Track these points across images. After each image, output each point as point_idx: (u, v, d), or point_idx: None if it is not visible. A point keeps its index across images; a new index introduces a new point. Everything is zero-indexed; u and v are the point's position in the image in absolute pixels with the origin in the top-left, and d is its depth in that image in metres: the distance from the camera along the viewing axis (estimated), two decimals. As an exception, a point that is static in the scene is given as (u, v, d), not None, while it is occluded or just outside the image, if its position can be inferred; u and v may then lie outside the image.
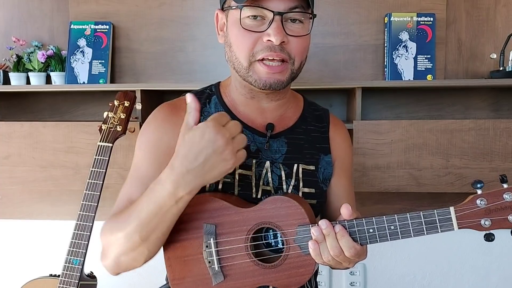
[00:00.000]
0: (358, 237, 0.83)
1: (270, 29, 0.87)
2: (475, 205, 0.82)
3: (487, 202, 0.82)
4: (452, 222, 0.82)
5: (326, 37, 1.75)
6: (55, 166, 1.63)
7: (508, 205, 0.81)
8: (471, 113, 1.75)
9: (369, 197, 1.80)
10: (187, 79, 1.80)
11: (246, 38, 0.89)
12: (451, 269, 1.84)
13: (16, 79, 1.76)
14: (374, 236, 0.82)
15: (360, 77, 1.75)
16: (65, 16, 1.82)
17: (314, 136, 1.04)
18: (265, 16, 0.88)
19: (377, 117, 1.78)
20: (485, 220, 0.81)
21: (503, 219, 0.81)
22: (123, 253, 0.88)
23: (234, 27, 0.91)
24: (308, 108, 1.08)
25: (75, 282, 1.39)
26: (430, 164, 1.54)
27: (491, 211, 0.82)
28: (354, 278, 1.87)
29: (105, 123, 1.45)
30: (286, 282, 0.87)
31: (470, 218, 0.82)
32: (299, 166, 0.99)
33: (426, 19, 1.65)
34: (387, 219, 0.82)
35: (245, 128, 0.98)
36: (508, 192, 0.81)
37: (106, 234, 0.91)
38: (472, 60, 1.74)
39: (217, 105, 1.02)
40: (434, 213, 0.82)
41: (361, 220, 0.83)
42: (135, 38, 1.80)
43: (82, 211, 1.38)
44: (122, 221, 0.87)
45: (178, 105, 1.01)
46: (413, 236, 0.82)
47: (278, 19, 0.87)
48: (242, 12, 0.89)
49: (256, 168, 0.97)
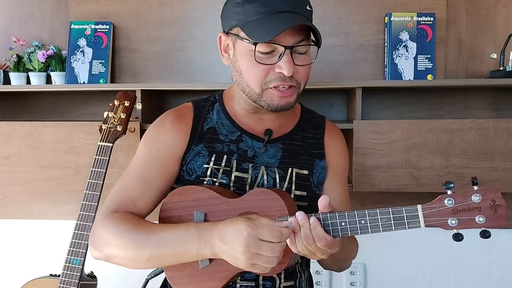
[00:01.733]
0: (330, 229, 0.88)
1: (281, 63, 0.94)
2: (443, 205, 0.85)
3: (454, 202, 0.85)
4: (419, 219, 0.85)
5: (326, 37, 1.74)
6: (55, 166, 1.63)
7: (475, 206, 0.84)
8: (471, 113, 1.75)
9: (369, 197, 1.80)
10: (187, 79, 1.80)
11: (259, 70, 0.95)
12: (452, 269, 1.84)
13: (16, 79, 1.76)
14: (345, 229, 0.88)
15: (360, 77, 1.75)
16: (65, 16, 1.82)
17: (309, 143, 1.10)
18: (275, 48, 0.94)
19: (377, 117, 1.78)
20: (451, 219, 0.84)
21: (470, 219, 0.84)
22: (122, 258, 0.93)
23: (246, 58, 0.96)
24: (305, 115, 1.14)
25: (75, 282, 1.39)
26: (430, 163, 1.54)
27: (458, 211, 0.84)
28: (354, 278, 1.87)
29: (105, 123, 1.45)
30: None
31: (437, 217, 0.85)
32: (293, 170, 1.05)
33: (426, 19, 1.65)
34: (358, 214, 0.87)
35: (245, 135, 1.06)
36: (477, 193, 0.84)
37: (108, 230, 0.94)
38: (472, 60, 1.73)
39: (219, 113, 1.08)
40: (402, 210, 0.86)
41: (335, 213, 0.88)
42: (135, 38, 1.80)
43: (82, 211, 1.38)
44: (138, 235, 0.92)
45: (183, 113, 1.08)
46: (381, 231, 0.87)
47: (288, 52, 0.93)
48: (257, 47, 0.94)
49: (252, 171, 1.03)
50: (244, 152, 1.04)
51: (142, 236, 0.91)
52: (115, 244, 0.92)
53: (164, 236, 0.90)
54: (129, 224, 0.94)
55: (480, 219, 0.83)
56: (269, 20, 0.92)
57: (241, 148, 1.04)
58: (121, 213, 0.97)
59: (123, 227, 0.93)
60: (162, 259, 0.91)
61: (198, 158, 1.03)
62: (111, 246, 0.93)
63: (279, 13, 0.92)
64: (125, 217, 0.96)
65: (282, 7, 0.92)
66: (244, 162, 1.03)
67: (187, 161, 1.03)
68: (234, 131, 1.06)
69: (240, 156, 1.03)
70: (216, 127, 1.06)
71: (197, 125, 1.05)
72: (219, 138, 1.05)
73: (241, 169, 1.03)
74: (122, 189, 1.01)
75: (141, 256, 0.91)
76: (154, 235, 0.90)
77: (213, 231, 0.87)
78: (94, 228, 0.98)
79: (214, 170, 1.02)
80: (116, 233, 0.93)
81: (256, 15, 0.93)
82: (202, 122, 1.06)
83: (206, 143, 1.04)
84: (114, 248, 0.93)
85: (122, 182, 1.02)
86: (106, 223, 0.95)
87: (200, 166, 1.02)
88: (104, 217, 0.97)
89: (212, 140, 1.04)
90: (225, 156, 1.03)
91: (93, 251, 0.97)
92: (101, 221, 0.97)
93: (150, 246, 0.90)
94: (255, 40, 0.92)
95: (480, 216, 0.83)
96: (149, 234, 0.91)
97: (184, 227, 0.90)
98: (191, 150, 1.03)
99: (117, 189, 1.01)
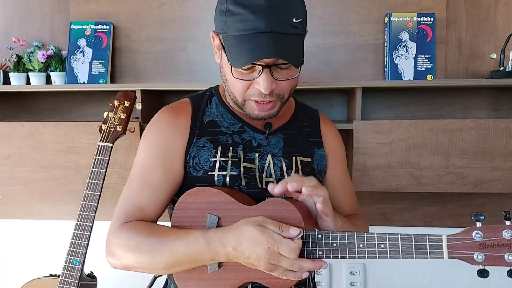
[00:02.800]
0: (347, 250, 0.86)
1: (260, 79, 0.91)
2: (470, 237, 0.80)
3: (483, 236, 0.79)
4: (442, 250, 0.81)
5: (326, 37, 1.75)
6: (55, 166, 1.63)
7: (506, 243, 0.79)
8: (471, 113, 1.75)
9: (370, 197, 1.80)
10: (188, 79, 1.80)
11: (240, 84, 0.94)
12: (452, 269, 1.84)
13: (16, 79, 1.76)
14: (363, 252, 0.85)
15: (360, 77, 1.75)
16: (65, 16, 1.82)
17: (307, 131, 1.11)
18: (255, 66, 0.92)
19: (377, 117, 1.78)
20: (478, 254, 0.80)
21: (498, 256, 0.79)
22: (140, 267, 0.94)
23: (228, 69, 0.95)
24: (299, 107, 1.15)
25: (75, 282, 1.39)
26: (431, 163, 1.54)
27: (487, 246, 0.79)
28: (354, 278, 1.87)
29: (105, 123, 1.45)
30: (275, 281, 0.90)
31: (463, 249, 0.80)
32: (297, 158, 1.06)
33: (426, 19, 1.65)
34: (378, 237, 0.84)
35: (245, 126, 1.05)
36: (508, 229, 0.79)
37: (123, 243, 0.95)
38: (472, 60, 1.73)
39: (218, 106, 1.07)
40: (425, 238, 0.82)
41: (353, 234, 0.86)
42: (135, 38, 1.80)
43: (82, 211, 1.38)
44: (151, 246, 0.92)
45: (181, 108, 1.06)
46: (401, 257, 0.83)
47: (267, 70, 0.91)
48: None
49: (259, 161, 1.02)
50: (248, 142, 1.03)
51: (155, 247, 0.91)
52: (132, 257, 0.93)
53: (175, 246, 0.90)
54: (142, 234, 0.94)
55: (510, 258, 0.78)
56: (246, 42, 0.87)
57: (245, 138, 1.04)
58: (132, 224, 0.97)
59: (136, 238, 0.93)
60: (178, 266, 0.92)
61: (204, 152, 1.01)
62: (128, 258, 0.94)
63: (257, 33, 0.87)
64: (137, 227, 0.96)
65: (261, 26, 0.86)
66: (250, 152, 1.02)
67: (191, 156, 1.01)
68: (235, 123, 1.05)
69: (246, 147, 1.03)
70: (216, 120, 1.05)
71: (197, 119, 1.04)
72: (221, 130, 1.03)
73: (248, 159, 1.02)
74: (128, 199, 1.00)
75: (158, 265, 0.91)
76: (166, 246, 0.91)
77: (224, 241, 0.87)
78: (108, 240, 0.98)
79: (222, 162, 1.00)
80: (131, 246, 0.93)
81: (235, 31, 0.89)
82: (201, 115, 1.05)
83: (209, 136, 1.02)
84: (131, 260, 0.94)
85: (128, 190, 1.01)
86: (119, 235, 0.95)
87: (207, 160, 1.00)
88: (116, 229, 0.97)
89: (215, 133, 1.03)
90: (230, 147, 1.02)
91: (111, 261, 0.97)
92: (114, 233, 0.97)
93: (164, 256, 0.90)
94: (230, 63, 0.91)
95: (510, 255, 0.78)
96: (161, 244, 0.91)
97: (193, 238, 0.89)
98: (193, 144, 1.01)
99: (124, 199, 1.01)
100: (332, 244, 0.87)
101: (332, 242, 0.87)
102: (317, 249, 0.87)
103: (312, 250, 0.88)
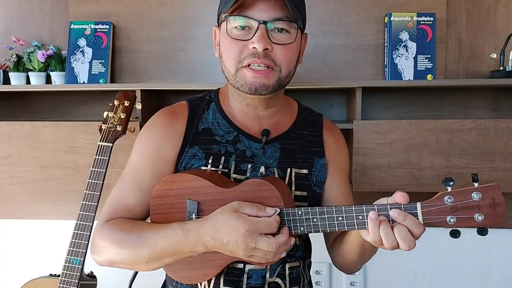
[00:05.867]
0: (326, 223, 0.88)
1: (254, 37, 0.92)
2: (442, 202, 0.83)
3: (454, 200, 0.83)
4: (418, 217, 0.84)
5: (326, 37, 1.75)
6: (55, 166, 1.63)
7: (475, 204, 0.82)
8: (471, 113, 1.75)
9: (370, 197, 1.78)
10: (188, 79, 1.80)
11: (233, 47, 0.94)
12: (452, 269, 1.84)
13: (16, 79, 1.76)
14: (342, 224, 0.87)
15: (360, 77, 1.74)
16: (65, 16, 1.82)
17: (308, 141, 1.09)
18: (251, 26, 0.93)
19: (377, 117, 1.78)
20: (450, 217, 0.83)
21: (469, 217, 0.82)
22: (123, 263, 0.94)
23: (224, 38, 0.97)
24: (302, 114, 1.12)
25: (75, 282, 1.39)
26: (431, 164, 1.54)
27: (458, 209, 0.83)
28: (354, 278, 1.87)
29: (105, 123, 1.45)
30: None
31: (436, 215, 0.83)
32: (292, 170, 1.04)
33: (426, 19, 1.65)
34: (356, 209, 0.87)
35: (242, 135, 1.04)
36: (477, 191, 0.82)
37: (106, 239, 0.96)
38: (472, 60, 1.73)
39: (215, 112, 1.06)
40: (401, 207, 0.86)
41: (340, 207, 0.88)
42: (135, 38, 1.80)
43: (82, 211, 1.38)
44: (132, 241, 0.92)
45: (178, 111, 1.06)
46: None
47: (263, 27, 0.91)
48: (229, 23, 0.94)
49: (251, 172, 1.01)
50: (242, 152, 1.02)
51: (135, 242, 0.92)
52: (114, 252, 0.94)
53: (155, 239, 0.90)
54: (123, 231, 0.95)
55: (479, 218, 0.82)
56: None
57: (238, 148, 1.02)
58: (115, 220, 0.98)
59: (118, 234, 0.94)
60: (160, 260, 0.92)
61: (195, 161, 1.01)
62: (111, 253, 0.95)
63: None
64: (119, 223, 0.97)
65: None
66: (243, 163, 1.01)
67: (182, 164, 1.01)
68: (230, 131, 1.04)
69: (239, 157, 1.02)
70: (211, 128, 1.04)
71: (192, 126, 1.03)
72: (215, 139, 1.03)
73: (240, 170, 1.01)
74: (117, 198, 1.01)
75: (140, 259, 0.92)
76: (146, 239, 0.91)
77: (201, 231, 0.87)
78: (93, 237, 1.00)
79: None
80: (113, 241, 0.94)
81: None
82: (197, 123, 1.04)
83: (202, 145, 1.02)
84: (113, 255, 0.94)
85: (118, 189, 1.02)
86: (102, 232, 0.97)
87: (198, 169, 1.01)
88: (101, 226, 0.98)
89: (208, 142, 1.02)
90: (222, 157, 1.01)
91: (95, 258, 0.99)
92: (98, 230, 0.98)
93: (144, 250, 0.91)
94: (223, 13, 0.93)
95: (479, 215, 0.81)
96: (141, 238, 0.92)
97: (171, 230, 0.90)
98: (185, 152, 1.02)
99: (113, 198, 1.02)
100: (313, 219, 0.88)
101: (312, 217, 0.89)
102: (298, 225, 0.89)
103: (293, 226, 0.89)
